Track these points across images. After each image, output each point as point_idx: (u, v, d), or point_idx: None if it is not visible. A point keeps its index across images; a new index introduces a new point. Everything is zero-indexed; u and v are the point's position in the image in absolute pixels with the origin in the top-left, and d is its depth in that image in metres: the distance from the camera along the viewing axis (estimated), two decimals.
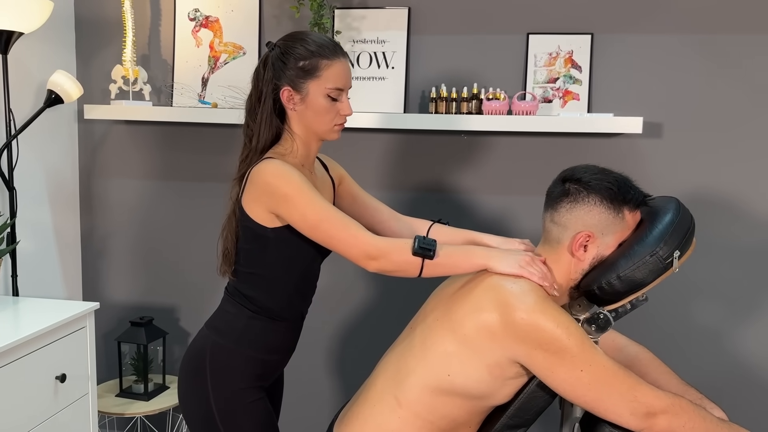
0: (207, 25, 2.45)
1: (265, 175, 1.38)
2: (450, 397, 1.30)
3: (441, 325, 1.31)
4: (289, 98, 1.44)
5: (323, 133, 1.48)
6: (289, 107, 1.45)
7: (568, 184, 1.35)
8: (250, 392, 1.48)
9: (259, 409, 1.49)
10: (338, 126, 1.49)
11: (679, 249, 1.28)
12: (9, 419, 1.68)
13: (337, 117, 1.47)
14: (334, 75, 1.43)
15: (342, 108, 1.47)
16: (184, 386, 1.52)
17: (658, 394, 1.23)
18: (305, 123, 1.46)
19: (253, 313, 1.49)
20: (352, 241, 1.35)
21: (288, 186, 1.36)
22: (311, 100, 1.43)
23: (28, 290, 2.31)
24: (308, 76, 1.42)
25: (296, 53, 1.42)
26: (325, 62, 1.42)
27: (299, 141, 1.48)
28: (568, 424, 1.43)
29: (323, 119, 1.45)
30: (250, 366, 1.49)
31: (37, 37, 2.31)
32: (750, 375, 2.26)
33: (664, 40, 2.18)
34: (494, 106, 2.16)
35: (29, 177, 2.34)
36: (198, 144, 2.51)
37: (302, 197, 1.36)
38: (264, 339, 1.50)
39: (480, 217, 2.35)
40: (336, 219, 1.36)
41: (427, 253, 1.31)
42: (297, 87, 1.43)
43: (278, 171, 1.38)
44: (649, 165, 2.23)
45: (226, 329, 1.50)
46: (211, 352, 1.49)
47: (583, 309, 1.36)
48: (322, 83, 1.42)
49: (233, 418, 1.46)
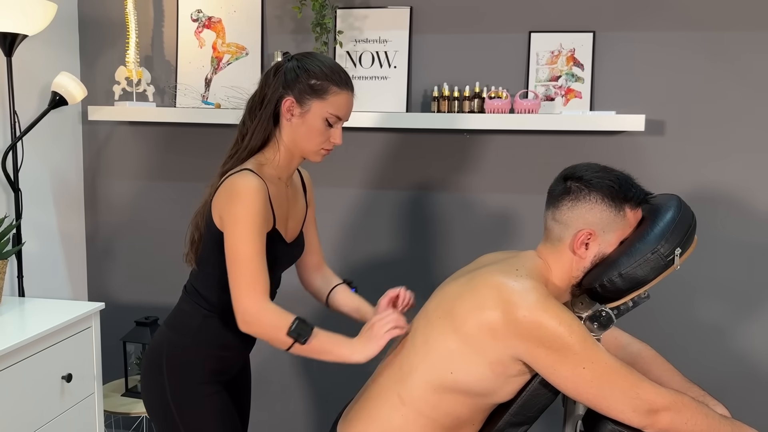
0: (210, 25, 2.46)
1: (235, 187, 1.41)
2: (453, 394, 1.31)
3: (443, 323, 1.32)
4: (289, 108, 1.47)
5: (308, 153, 1.52)
6: (286, 117, 1.48)
7: (569, 182, 1.35)
8: (205, 387, 1.52)
9: (215, 402, 1.53)
10: (324, 151, 1.52)
11: (680, 246, 1.29)
12: (16, 419, 1.69)
13: (326, 142, 1.51)
14: (339, 103, 1.47)
15: (334, 135, 1.50)
16: (143, 382, 1.59)
17: (660, 391, 1.23)
18: (295, 137, 1.49)
19: (207, 311, 1.54)
20: (244, 296, 1.37)
21: (243, 210, 1.38)
22: (309, 118, 1.47)
23: (34, 291, 2.33)
24: (315, 95, 1.46)
25: (311, 70, 1.46)
26: (335, 88, 1.46)
27: (284, 152, 1.52)
28: (570, 421, 1.44)
29: (314, 140, 1.49)
30: (205, 362, 1.54)
31: (41, 39, 2.32)
32: (753, 372, 2.26)
33: (667, 38, 2.18)
34: (496, 105, 2.16)
35: (34, 178, 2.36)
36: (201, 145, 2.52)
37: (246, 228, 1.38)
38: (217, 337, 1.55)
39: (482, 216, 2.36)
40: (252, 268, 1.38)
41: (299, 339, 1.36)
42: (301, 101, 1.46)
43: (248, 192, 1.39)
44: (651, 163, 2.23)
45: (182, 327, 1.56)
46: (167, 349, 1.54)
47: (585, 307, 1.37)
48: (325, 106, 1.46)
49: (190, 412, 1.51)
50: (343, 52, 2.35)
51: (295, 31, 2.40)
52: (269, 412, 2.58)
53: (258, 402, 2.37)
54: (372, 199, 2.43)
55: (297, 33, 2.40)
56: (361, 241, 2.46)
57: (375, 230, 2.45)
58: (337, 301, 1.70)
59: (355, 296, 1.70)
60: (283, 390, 2.58)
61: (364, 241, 2.46)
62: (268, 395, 2.58)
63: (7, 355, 1.65)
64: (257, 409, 2.42)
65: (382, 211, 2.43)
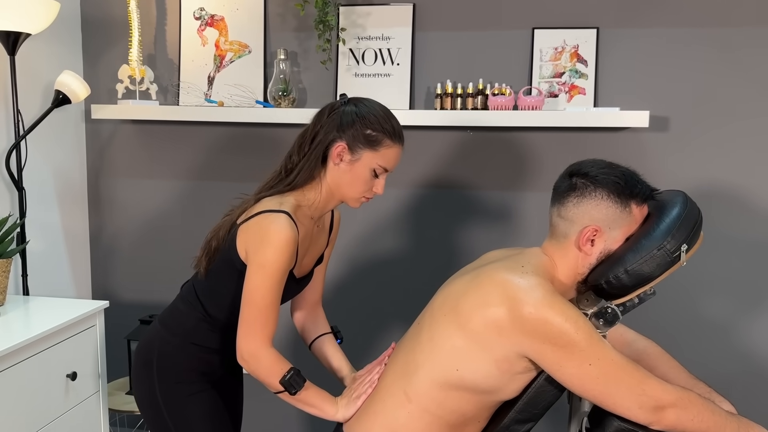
0: (212, 23, 2.46)
1: (268, 232, 1.40)
2: (458, 391, 1.31)
3: (449, 320, 1.32)
4: (339, 154, 1.47)
5: (349, 198, 1.52)
6: (335, 161, 1.48)
7: (575, 178, 1.35)
8: (193, 384, 1.55)
9: (203, 399, 1.55)
10: (365, 199, 1.53)
11: (686, 243, 1.28)
12: (21, 417, 1.69)
13: (368, 191, 1.51)
14: (390, 157, 1.48)
15: (377, 186, 1.51)
16: (134, 377, 1.61)
17: (666, 387, 1.23)
18: (339, 182, 1.49)
19: (202, 316, 1.56)
20: (251, 338, 1.40)
21: (271, 257, 1.39)
22: (358, 167, 1.47)
23: (38, 289, 2.33)
24: (369, 145, 1.46)
25: (369, 121, 1.46)
26: (389, 142, 1.47)
27: (325, 193, 1.51)
28: (576, 418, 1.44)
29: (358, 188, 1.49)
30: (194, 362, 1.56)
31: (44, 38, 2.32)
32: (759, 369, 2.26)
33: (670, 34, 2.18)
34: (500, 102, 2.16)
35: (38, 177, 2.36)
36: (205, 143, 2.52)
37: (270, 276, 1.39)
38: (208, 341, 1.57)
39: (486, 213, 2.35)
40: (265, 314, 1.40)
41: (290, 389, 1.42)
42: (353, 148, 1.46)
43: (278, 240, 1.39)
44: (655, 159, 2.22)
45: (175, 326, 1.58)
46: (158, 346, 1.57)
47: (591, 303, 1.36)
48: (376, 158, 1.47)
49: (178, 407, 1.53)
50: (346, 49, 2.35)
51: (298, 28, 2.40)
52: (270, 408, 2.58)
53: (260, 398, 2.36)
54: (375, 198, 2.42)
55: (300, 31, 2.39)
56: (363, 239, 2.45)
57: (377, 228, 2.45)
58: (322, 350, 1.71)
59: (339, 352, 1.71)
60: None
61: (367, 239, 2.45)
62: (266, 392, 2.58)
63: (12, 354, 1.65)
64: (259, 406, 2.42)
65: (385, 209, 2.42)
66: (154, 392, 1.54)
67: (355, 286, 2.47)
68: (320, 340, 1.72)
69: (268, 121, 2.31)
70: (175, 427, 1.53)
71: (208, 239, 1.55)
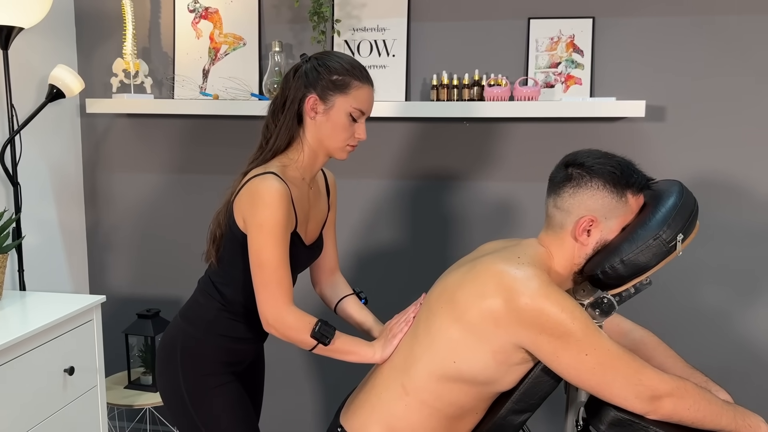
0: (206, 16, 2.44)
1: (259, 192, 1.41)
2: (456, 383, 1.31)
3: (445, 312, 1.31)
4: (313, 107, 1.48)
5: (334, 150, 1.52)
6: (310, 116, 1.49)
7: (570, 168, 1.34)
8: (218, 377, 1.54)
9: (228, 391, 1.55)
10: (350, 147, 1.53)
11: (682, 232, 1.28)
12: (19, 412, 1.69)
13: (351, 138, 1.51)
14: (362, 97, 1.49)
15: (358, 131, 1.51)
16: (158, 372, 1.61)
17: (662, 377, 1.23)
18: (320, 135, 1.50)
19: (222, 305, 1.56)
20: (270, 301, 1.41)
21: (269, 217, 1.39)
22: (334, 114, 1.48)
23: (35, 284, 2.33)
24: (338, 90, 1.47)
25: (332, 67, 1.47)
26: (356, 83, 1.48)
27: (308, 151, 1.52)
28: (573, 408, 1.44)
29: (339, 136, 1.50)
30: (218, 354, 1.56)
31: (38, 31, 2.31)
32: (756, 358, 2.26)
33: (666, 23, 2.17)
34: (496, 93, 2.15)
35: (33, 172, 2.35)
36: (200, 136, 2.51)
37: (271, 235, 1.39)
38: (231, 330, 1.57)
39: (483, 204, 2.35)
40: (278, 274, 1.40)
41: (323, 340, 1.41)
42: (324, 98, 1.47)
43: (271, 197, 1.40)
44: (652, 148, 2.22)
45: (196, 319, 1.57)
46: (182, 340, 1.56)
47: (588, 293, 1.36)
48: (349, 101, 1.47)
49: (203, 401, 1.53)
50: (341, 41, 2.34)
51: (293, 20, 2.38)
52: (273, 401, 2.59)
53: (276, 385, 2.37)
54: (371, 189, 2.43)
55: (294, 22, 2.38)
56: (361, 231, 2.45)
57: (375, 220, 2.45)
58: (346, 311, 1.71)
59: (364, 309, 1.71)
60: (287, 378, 2.59)
61: (365, 231, 2.45)
62: (271, 384, 2.59)
63: (9, 349, 1.65)
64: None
65: (382, 202, 2.42)
66: (179, 387, 1.54)
67: (351, 278, 2.47)
68: (343, 302, 1.71)
69: (264, 113, 2.28)
70: (200, 420, 1.53)
71: (212, 229, 1.56)
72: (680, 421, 1.24)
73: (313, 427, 2.60)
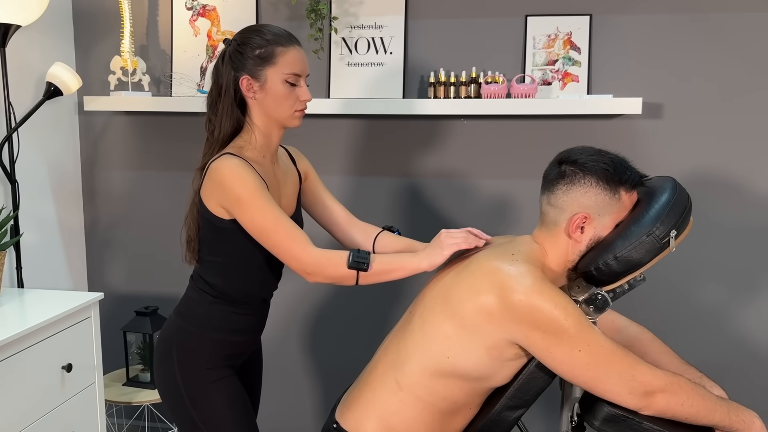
0: (204, 14, 2.44)
1: (220, 173, 1.42)
2: (450, 379, 1.32)
3: (440, 308, 1.32)
4: (248, 87, 1.48)
5: (284, 120, 1.52)
6: (249, 96, 1.49)
7: (564, 166, 1.35)
8: (215, 372, 1.54)
9: (226, 386, 1.54)
10: (299, 112, 1.53)
11: (675, 228, 1.28)
12: (17, 409, 1.70)
13: (296, 103, 1.51)
14: (291, 61, 1.48)
15: (301, 93, 1.51)
16: (156, 370, 1.61)
17: (656, 373, 1.23)
18: (266, 111, 1.50)
19: (213, 298, 1.55)
20: (293, 254, 1.41)
21: (241, 188, 1.40)
22: (270, 87, 1.48)
23: (33, 282, 2.33)
24: (265, 63, 1.47)
25: (252, 43, 1.47)
26: (280, 49, 1.47)
27: (259, 131, 1.53)
28: (567, 404, 1.45)
29: (283, 105, 1.50)
30: (214, 348, 1.55)
31: (35, 29, 2.31)
32: (753, 355, 2.27)
33: (663, 20, 2.17)
34: (493, 90, 2.15)
35: (31, 169, 2.36)
36: (198, 134, 2.49)
37: (253, 202, 1.40)
38: (225, 322, 1.56)
39: (479, 202, 2.36)
40: (282, 229, 1.41)
41: (361, 266, 1.40)
42: (255, 75, 1.47)
43: (233, 171, 1.41)
44: (648, 146, 2.22)
45: (190, 314, 1.58)
46: (177, 336, 1.56)
47: (582, 290, 1.36)
48: (279, 69, 1.47)
49: (201, 396, 1.53)
50: (339, 38, 2.34)
51: (290, 18, 2.39)
52: (270, 397, 2.59)
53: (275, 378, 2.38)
54: (368, 186, 2.43)
55: (292, 20, 2.38)
56: None
57: (371, 217, 2.43)
58: (385, 246, 1.67)
59: (399, 238, 1.68)
60: (284, 374, 2.59)
61: None
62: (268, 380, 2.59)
63: (7, 346, 1.66)
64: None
65: (378, 198, 2.42)
66: (177, 383, 1.54)
67: None
68: (379, 239, 1.68)
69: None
70: (199, 415, 1.53)
71: (185, 233, 1.57)
72: (674, 416, 1.24)
73: (309, 424, 2.61)
